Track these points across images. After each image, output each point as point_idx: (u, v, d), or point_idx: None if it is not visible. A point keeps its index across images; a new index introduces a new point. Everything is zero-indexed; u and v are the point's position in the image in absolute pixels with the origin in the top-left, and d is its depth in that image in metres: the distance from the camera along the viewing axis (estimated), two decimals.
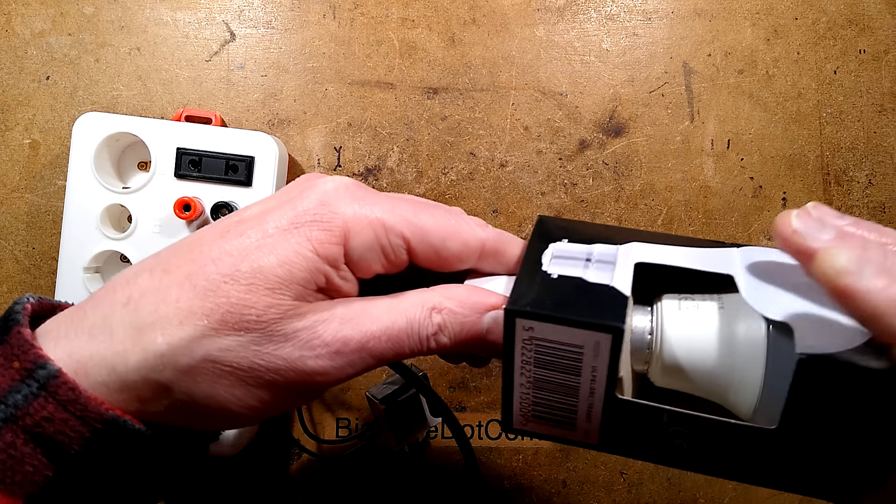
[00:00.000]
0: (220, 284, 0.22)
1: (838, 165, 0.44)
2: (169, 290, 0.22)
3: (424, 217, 0.24)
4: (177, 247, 0.24)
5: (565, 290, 0.23)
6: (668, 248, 0.25)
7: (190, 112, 0.41)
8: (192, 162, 0.39)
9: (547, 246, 0.25)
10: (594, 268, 0.24)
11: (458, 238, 0.25)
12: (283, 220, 0.23)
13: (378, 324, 0.24)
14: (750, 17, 0.44)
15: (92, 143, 0.39)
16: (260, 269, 0.22)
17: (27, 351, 0.21)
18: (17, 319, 0.22)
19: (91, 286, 0.39)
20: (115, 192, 0.39)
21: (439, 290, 0.25)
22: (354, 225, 0.23)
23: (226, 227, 0.23)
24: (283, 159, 0.41)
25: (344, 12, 0.44)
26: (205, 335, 0.22)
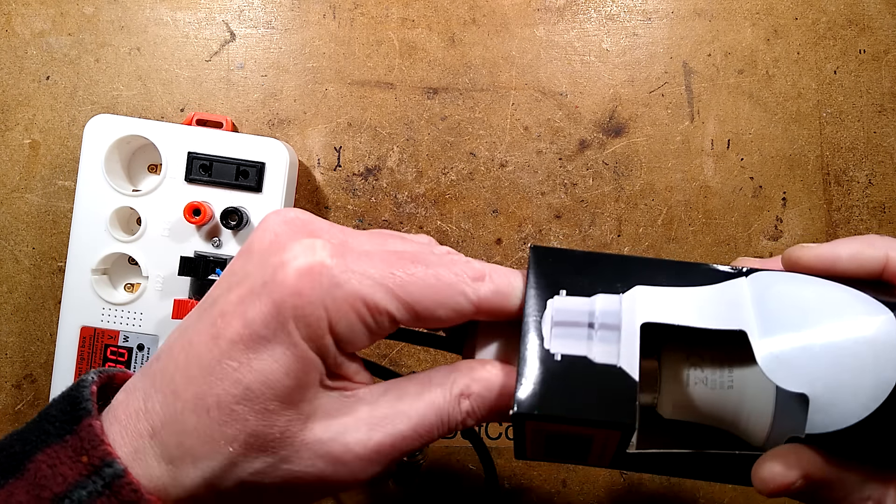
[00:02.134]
0: (234, 407, 0.22)
1: (838, 165, 0.45)
2: (185, 418, 0.22)
3: (411, 287, 0.23)
4: (174, 355, 0.23)
5: (572, 378, 0.23)
6: (673, 295, 0.24)
7: (201, 116, 0.42)
8: (203, 166, 0.40)
9: (545, 304, 0.24)
10: (598, 338, 0.23)
11: (448, 305, 0.24)
12: (267, 314, 0.22)
13: (407, 422, 0.24)
14: (750, 17, 0.45)
15: (103, 145, 0.40)
16: (268, 382, 0.22)
17: (97, 447, 0.21)
18: (87, 409, 0.22)
19: (98, 288, 0.41)
20: (125, 194, 0.41)
21: (465, 370, 0.25)
22: (335, 312, 0.22)
23: (212, 322, 0.23)
24: (294, 165, 0.42)
25: (344, 12, 0.45)
26: (234, 462, 0.22)
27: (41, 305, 0.44)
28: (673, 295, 0.24)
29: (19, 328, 0.44)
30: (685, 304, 0.24)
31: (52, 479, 0.21)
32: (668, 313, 0.23)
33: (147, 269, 0.41)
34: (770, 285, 0.24)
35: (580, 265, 0.25)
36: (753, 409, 0.24)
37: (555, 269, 0.25)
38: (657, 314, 0.23)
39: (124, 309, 0.41)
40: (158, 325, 0.41)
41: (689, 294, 0.24)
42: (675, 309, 0.24)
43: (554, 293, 0.24)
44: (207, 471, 0.22)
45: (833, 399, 0.22)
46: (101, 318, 0.41)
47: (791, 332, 0.23)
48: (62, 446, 0.22)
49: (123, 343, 0.41)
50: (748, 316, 0.23)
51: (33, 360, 0.44)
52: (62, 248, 0.44)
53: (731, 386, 0.24)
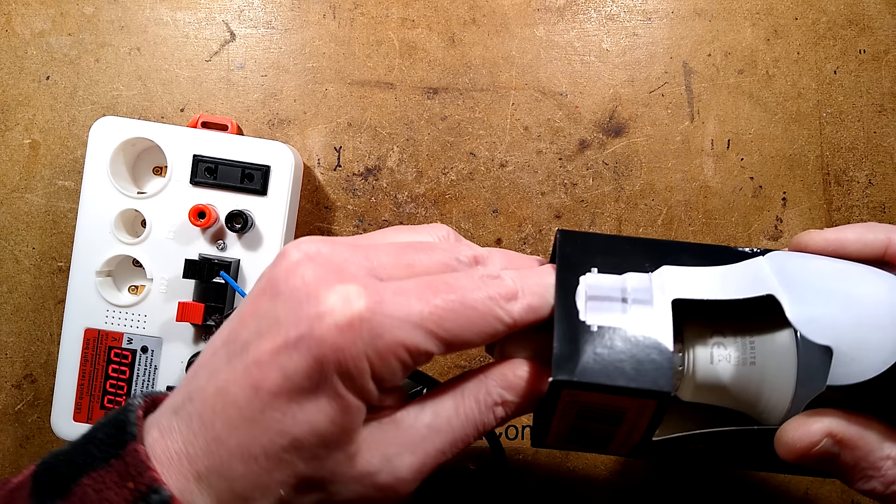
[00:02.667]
0: (282, 456, 0.23)
1: (838, 165, 0.45)
2: (233, 465, 0.22)
3: (448, 323, 0.24)
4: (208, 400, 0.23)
5: (609, 347, 0.24)
6: (699, 273, 0.25)
7: (206, 118, 0.42)
8: (208, 169, 0.40)
9: (577, 281, 0.25)
10: (632, 311, 0.24)
11: (484, 333, 0.24)
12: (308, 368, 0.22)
13: (446, 437, 0.25)
14: (750, 17, 0.45)
15: (108, 147, 0.41)
16: (315, 433, 0.23)
17: (143, 473, 0.22)
18: (133, 433, 0.23)
19: (103, 290, 0.41)
20: (130, 196, 0.41)
21: (497, 377, 0.26)
22: (377, 362, 0.23)
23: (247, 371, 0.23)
24: (299, 169, 0.42)
25: (344, 12, 0.45)
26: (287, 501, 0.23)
27: (41, 305, 0.45)
28: (699, 273, 0.25)
29: (19, 328, 0.45)
30: (711, 280, 0.25)
31: (98, 503, 0.21)
32: (696, 289, 0.25)
33: (151, 272, 0.41)
34: (788, 260, 0.26)
35: (607, 247, 0.26)
36: (775, 384, 0.25)
37: (583, 249, 0.26)
38: (687, 290, 0.25)
39: (128, 311, 0.41)
40: (162, 327, 0.41)
41: (714, 272, 0.26)
42: (702, 285, 0.25)
43: (585, 270, 0.25)
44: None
45: (855, 353, 0.23)
46: (105, 320, 0.41)
47: (816, 295, 0.24)
48: (107, 470, 0.22)
49: (127, 345, 0.41)
50: (773, 284, 0.24)
51: (33, 360, 0.45)
52: (62, 248, 0.45)
53: (754, 362, 0.25)
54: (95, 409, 0.41)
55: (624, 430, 0.26)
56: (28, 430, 0.45)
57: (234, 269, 0.40)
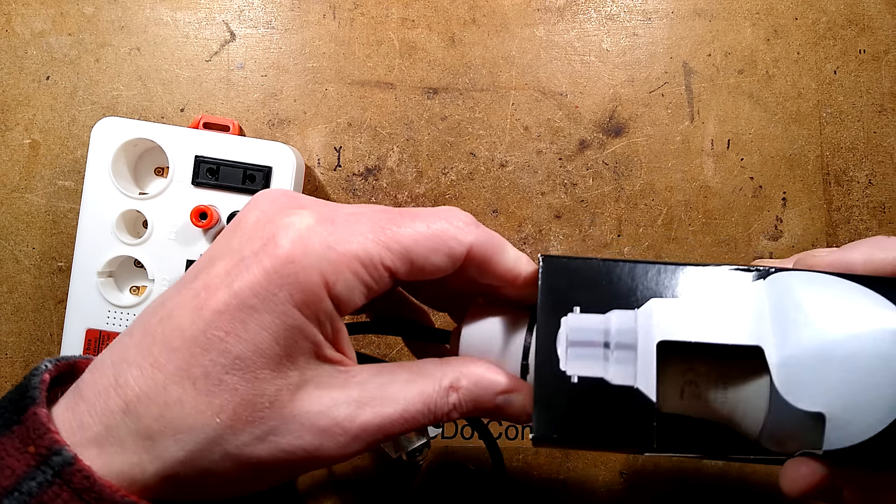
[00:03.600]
0: (223, 377, 0.22)
1: (838, 165, 0.46)
2: (168, 390, 0.22)
3: (402, 237, 0.24)
4: (150, 329, 0.23)
5: (589, 401, 0.24)
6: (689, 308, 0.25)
7: (208, 119, 0.43)
8: (210, 170, 0.41)
9: (559, 322, 0.25)
10: (615, 359, 0.24)
11: (442, 250, 0.24)
12: (256, 283, 0.22)
13: (395, 406, 0.24)
14: (750, 17, 0.46)
15: (110, 148, 0.41)
16: (258, 350, 0.22)
17: (42, 435, 0.21)
18: (33, 397, 0.22)
19: (105, 291, 0.41)
20: (132, 197, 0.41)
21: (456, 364, 0.26)
22: (331, 274, 0.23)
23: (195, 294, 0.23)
24: (300, 170, 0.43)
25: (344, 12, 0.46)
26: (220, 435, 0.22)
27: (41, 305, 0.45)
28: (688, 308, 0.25)
29: (19, 328, 0.45)
30: (701, 317, 0.24)
31: (0, 473, 0.21)
32: (683, 330, 0.24)
33: (153, 273, 0.41)
34: (788, 290, 0.24)
35: (593, 276, 0.25)
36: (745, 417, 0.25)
37: (567, 281, 0.25)
38: (672, 331, 0.24)
39: (130, 312, 0.41)
40: None
41: (706, 306, 0.25)
42: (692, 323, 0.24)
43: (567, 309, 0.25)
44: (190, 444, 0.22)
45: (850, 416, 0.23)
46: (107, 320, 0.41)
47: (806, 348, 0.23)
48: (9, 438, 0.21)
49: None
50: (765, 329, 0.24)
51: (33, 360, 0.45)
52: (62, 248, 0.45)
53: (724, 402, 0.25)
54: None
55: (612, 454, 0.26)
56: None
57: None
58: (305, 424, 0.23)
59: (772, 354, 0.23)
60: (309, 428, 0.23)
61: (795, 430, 0.23)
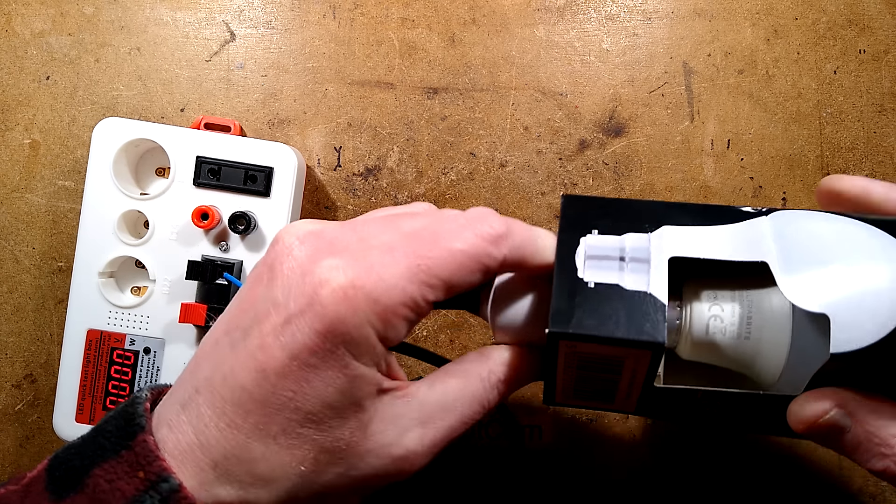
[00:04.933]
0: (298, 431, 0.24)
1: (838, 165, 0.47)
2: (251, 447, 0.24)
3: (439, 269, 0.25)
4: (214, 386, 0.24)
5: (605, 302, 0.25)
6: (698, 233, 0.27)
7: (209, 119, 0.44)
8: (211, 171, 0.42)
9: (578, 241, 0.27)
10: (629, 269, 0.26)
11: (477, 270, 0.26)
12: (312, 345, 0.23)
13: (455, 414, 0.27)
14: (750, 17, 0.47)
15: (111, 148, 0.42)
16: (326, 404, 0.24)
17: (152, 462, 0.23)
18: (141, 424, 0.24)
19: (106, 291, 0.42)
20: (133, 197, 0.42)
21: (496, 359, 0.29)
22: (381, 325, 0.24)
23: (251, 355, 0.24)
24: (302, 171, 0.44)
25: (344, 12, 0.47)
26: (306, 479, 0.24)
27: (41, 305, 0.46)
28: (698, 233, 0.27)
29: (19, 328, 0.46)
30: (709, 240, 0.27)
31: (110, 494, 0.22)
32: (693, 248, 0.26)
33: (154, 273, 0.42)
34: (790, 222, 0.27)
35: (609, 209, 0.28)
36: (769, 355, 0.27)
37: (585, 212, 0.28)
38: (683, 249, 0.26)
39: (131, 312, 0.42)
40: (165, 328, 0.42)
41: (713, 232, 0.27)
42: (700, 244, 0.26)
43: (586, 231, 0.27)
44: (281, 491, 0.24)
45: (854, 318, 0.24)
46: (108, 321, 0.42)
47: (810, 261, 0.25)
48: (118, 461, 0.23)
49: (130, 346, 0.42)
50: (769, 249, 0.26)
51: (33, 360, 0.46)
52: (62, 248, 0.46)
53: (748, 337, 0.27)
54: (98, 411, 0.42)
55: (625, 381, 0.27)
56: (28, 430, 0.46)
57: (237, 271, 0.41)
58: (382, 456, 0.25)
59: (776, 267, 0.25)
60: (385, 459, 0.26)
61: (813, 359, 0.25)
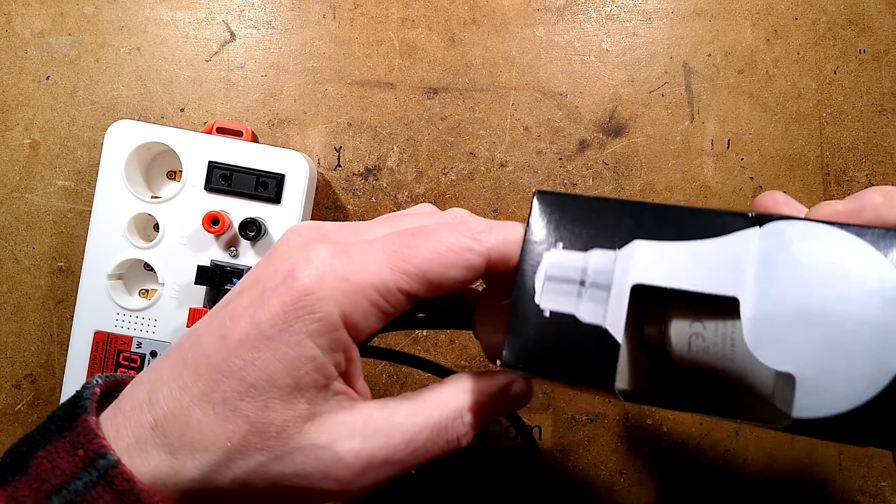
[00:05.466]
0: (238, 403, 0.24)
1: (838, 165, 0.47)
2: (190, 412, 0.24)
3: (415, 258, 0.25)
4: (183, 352, 0.25)
5: (559, 335, 0.24)
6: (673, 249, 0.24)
7: (221, 124, 0.44)
8: (223, 176, 0.42)
9: (541, 255, 0.26)
10: (587, 297, 0.25)
11: (458, 265, 0.25)
12: (274, 314, 0.24)
13: (401, 437, 0.25)
14: (750, 17, 0.47)
15: (124, 151, 0.42)
16: (270, 380, 0.24)
17: (91, 440, 0.23)
18: (84, 406, 0.25)
19: (114, 293, 0.43)
20: (144, 201, 0.43)
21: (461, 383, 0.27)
22: (347, 304, 0.24)
23: (221, 322, 0.25)
24: (313, 178, 0.44)
25: (344, 12, 0.47)
26: (230, 458, 0.24)
27: (41, 305, 0.46)
28: (673, 251, 0.24)
29: (19, 328, 0.47)
30: (683, 262, 0.24)
31: (51, 472, 0.23)
32: (661, 273, 0.24)
33: (163, 277, 0.42)
34: (781, 245, 0.23)
35: (583, 213, 0.26)
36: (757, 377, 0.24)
37: (556, 217, 0.26)
38: (650, 274, 0.24)
39: (139, 315, 0.42)
40: (173, 332, 0.42)
41: (691, 249, 0.24)
42: (671, 268, 0.24)
43: (551, 245, 0.26)
44: (204, 464, 0.24)
45: (824, 383, 0.22)
46: (115, 323, 0.42)
47: (788, 305, 0.22)
48: (61, 442, 0.24)
49: (136, 349, 0.42)
50: (746, 281, 0.23)
51: (33, 360, 0.47)
52: (62, 248, 0.46)
53: (732, 359, 0.25)
54: None
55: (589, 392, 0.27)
56: (28, 429, 0.46)
57: None
58: (310, 456, 0.24)
59: (746, 307, 0.23)
60: (313, 460, 0.25)
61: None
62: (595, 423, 0.46)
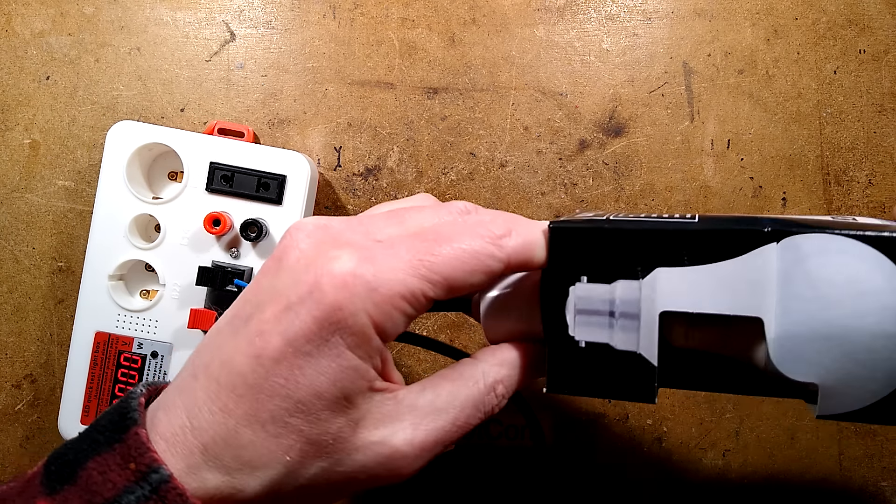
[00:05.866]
0: (287, 420, 0.24)
1: (838, 165, 0.47)
2: (240, 433, 0.24)
3: (441, 266, 0.25)
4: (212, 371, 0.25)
5: (595, 363, 0.27)
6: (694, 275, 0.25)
7: (223, 125, 0.44)
8: (225, 177, 0.42)
9: (567, 292, 0.27)
10: (619, 327, 0.27)
11: (480, 271, 0.26)
12: (309, 332, 0.24)
13: (447, 417, 0.27)
14: (750, 17, 0.47)
15: (125, 151, 0.42)
16: (318, 394, 0.24)
17: (143, 454, 0.23)
18: (134, 419, 0.24)
19: (115, 294, 0.43)
20: (145, 201, 0.43)
21: (490, 360, 0.29)
22: (378, 315, 0.25)
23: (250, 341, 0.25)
24: (314, 180, 0.44)
25: (344, 12, 0.47)
26: (292, 470, 0.25)
27: (41, 305, 0.47)
28: (694, 276, 0.25)
29: (19, 328, 0.47)
30: (706, 286, 0.25)
31: (102, 485, 0.23)
32: (687, 299, 0.25)
33: (164, 277, 0.43)
34: (799, 261, 0.24)
35: (600, 246, 0.27)
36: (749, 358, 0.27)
37: (575, 250, 0.27)
38: (676, 300, 0.26)
39: (140, 316, 0.43)
40: (174, 333, 0.43)
41: (712, 273, 0.25)
42: (696, 293, 0.25)
43: (575, 279, 0.27)
44: (267, 480, 0.24)
45: (845, 388, 0.24)
46: (116, 324, 0.43)
47: (810, 322, 0.24)
48: (111, 454, 0.24)
49: (137, 350, 0.43)
50: (769, 301, 0.24)
51: (33, 360, 0.47)
52: (62, 248, 0.47)
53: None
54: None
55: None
56: (28, 429, 0.47)
57: (247, 278, 0.42)
58: (368, 455, 0.26)
59: (771, 328, 0.24)
60: (372, 457, 0.26)
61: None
62: (595, 423, 0.46)
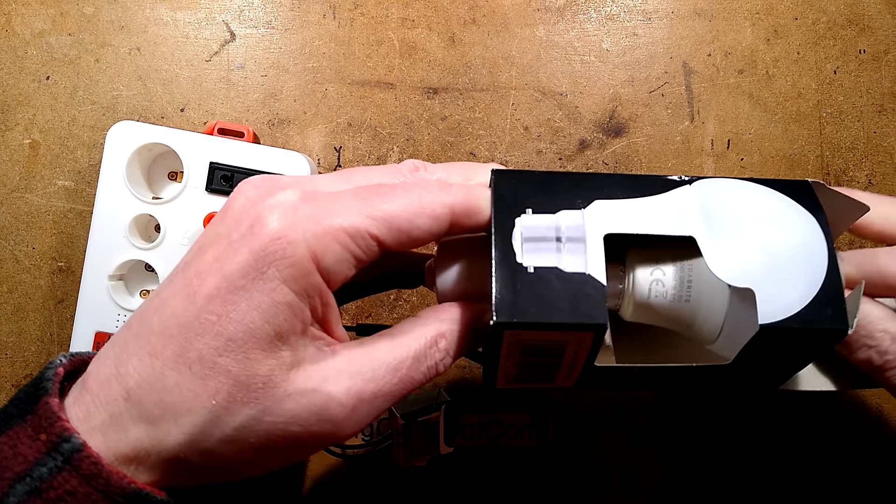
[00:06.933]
0: (216, 359, 0.23)
1: (838, 165, 0.48)
2: (165, 376, 0.23)
3: (384, 204, 0.25)
4: (147, 319, 0.24)
5: (545, 286, 0.26)
6: (629, 206, 0.28)
7: (223, 125, 0.45)
8: (224, 177, 0.43)
9: (513, 223, 0.28)
10: (567, 250, 0.27)
11: (425, 213, 0.26)
12: (245, 264, 0.23)
13: (386, 368, 0.26)
14: (750, 17, 0.48)
15: (125, 151, 0.43)
16: (249, 331, 0.23)
17: (53, 423, 0.23)
18: (46, 388, 0.24)
19: (115, 294, 0.43)
20: (145, 201, 0.43)
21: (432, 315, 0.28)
22: (319, 246, 0.24)
23: (187, 282, 0.24)
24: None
25: (344, 12, 0.48)
26: (217, 417, 0.23)
27: (41, 305, 0.47)
28: (629, 206, 0.28)
29: (19, 328, 0.47)
30: (641, 213, 0.28)
31: (13, 459, 0.22)
32: (626, 223, 0.28)
33: (164, 277, 0.43)
34: (711, 193, 0.29)
35: (540, 185, 0.29)
36: (707, 316, 0.29)
37: (517, 189, 0.28)
38: (617, 224, 0.28)
39: None
40: None
41: (644, 204, 0.28)
42: (633, 218, 0.28)
43: (520, 212, 0.28)
44: (189, 427, 0.23)
45: (776, 292, 0.27)
46: (117, 323, 0.43)
47: (733, 234, 0.28)
48: (22, 426, 0.23)
49: None
50: (696, 222, 0.28)
51: (33, 360, 0.47)
52: (62, 248, 0.47)
53: (689, 300, 0.29)
54: None
55: (567, 362, 0.28)
56: None
57: None
58: (301, 402, 0.24)
59: (704, 242, 0.27)
60: (305, 405, 0.24)
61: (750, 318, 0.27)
62: (595, 422, 0.47)
